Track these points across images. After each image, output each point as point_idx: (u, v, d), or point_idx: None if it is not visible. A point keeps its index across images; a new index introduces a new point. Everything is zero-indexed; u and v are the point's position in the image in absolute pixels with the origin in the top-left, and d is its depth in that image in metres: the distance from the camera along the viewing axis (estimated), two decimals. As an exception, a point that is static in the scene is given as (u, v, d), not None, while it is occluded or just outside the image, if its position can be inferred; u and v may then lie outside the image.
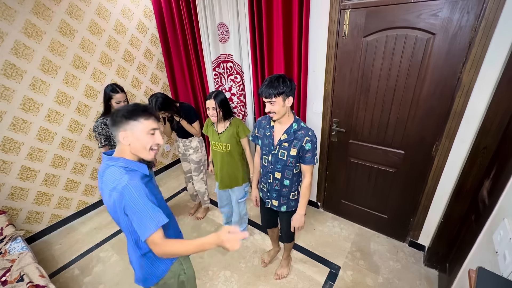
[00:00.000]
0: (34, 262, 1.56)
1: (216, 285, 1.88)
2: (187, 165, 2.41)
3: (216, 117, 1.75)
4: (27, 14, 1.99)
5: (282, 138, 1.41)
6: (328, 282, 1.84)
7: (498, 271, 0.88)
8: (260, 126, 1.55)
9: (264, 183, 1.61)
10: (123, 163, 0.95)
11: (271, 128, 1.46)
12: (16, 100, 2.07)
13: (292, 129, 1.39)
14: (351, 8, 1.66)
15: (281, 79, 1.28)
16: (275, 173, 1.50)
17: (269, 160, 1.50)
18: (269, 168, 1.52)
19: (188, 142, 2.25)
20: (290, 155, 1.41)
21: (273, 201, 1.59)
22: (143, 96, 3.03)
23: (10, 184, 2.17)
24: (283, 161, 1.44)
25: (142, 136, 0.95)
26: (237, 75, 2.50)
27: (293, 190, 1.53)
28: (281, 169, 1.47)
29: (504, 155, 1.21)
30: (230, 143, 1.81)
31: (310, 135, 1.36)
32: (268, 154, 1.49)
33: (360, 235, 2.23)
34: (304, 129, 1.39)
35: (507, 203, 1.02)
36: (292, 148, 1.39)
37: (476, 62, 1.37)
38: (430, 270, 1.87)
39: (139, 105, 0.98)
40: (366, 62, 1.73)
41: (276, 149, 1.44)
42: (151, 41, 2.96)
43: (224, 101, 1.75)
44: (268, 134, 1.46)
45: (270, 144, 1.46)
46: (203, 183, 2.39)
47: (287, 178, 1.49)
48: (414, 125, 1.71)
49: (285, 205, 1.58)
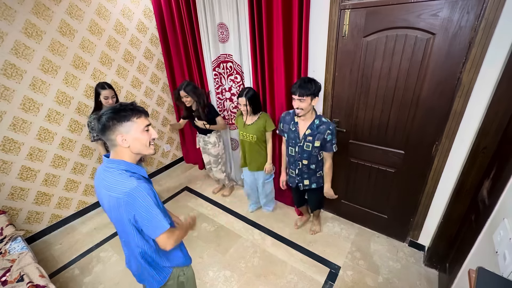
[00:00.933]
0: (34, 262, 1.56)
1: (216, 285, 1.88)
2: (207, 157, 2.70)
3: (246, 112, 2.03)
4: (27, 14, 1.99)
5: (307, 133, 1.71)
6: (328, 282, 1.84)
7: (498, 271, 0.88)
8: (284, 121, 1.84)
9: (293, 169, 1.92)
10: (124, 166, 0.94)
11: (295, 124, 1.75)
12: (16, 100, 2.07)
13: (314, 124, 1.69)
14: (351, 8, 1.66)
15: (312, 82, 1.56)
16: (303, 160, 1.82)
17: (296, 151, 1.81)
18: (296, 157, 1.83)
19: (207, 138, 2.52)
20: (314, 146, 1.72)
21: (305, 181, 1.91)
22: (143, 96, 3.03)
23: (10, 184, 2.17)
24: (308, 152, 1.76)
25: (139, 135, 0.94)
26: (237, 75, 2.50)
27: (318, 171, 1.87)
28: (307, 157, 1.79)
29: (504, 155, 1.21)
30: (257, 134, 2.09)
31: (330, 128, 1.66)
32: (295, 146, 1.80)
33: (360, 235, 2.23)
34: (325, 123, 1.68)
35: (507, 203, 1.02)
36: (316, 140, 1.70)
37: (476, 62, 1.37)
38: (430, 270, 1.87)
39: (125, 105, 0.94)
40: (366, 62, 1.73)
41: (301, 142, 1.75)
42: (151, 41, 2.96)
43: (253, 98, 1.99)
44: (294, 129, 1.76)
45: (296, 137, 1.77)
46: (221, 172, 2.71)
47: (312, 163, 1.82)
48: (414, 125, 1.71)
49: (315, 183, 1.91)
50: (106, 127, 0.90)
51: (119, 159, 0.95)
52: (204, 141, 2.55)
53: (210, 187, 3.06)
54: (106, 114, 0.91)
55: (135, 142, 0.94)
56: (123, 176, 0.91)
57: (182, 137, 3.58)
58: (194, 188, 3.10)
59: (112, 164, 0.94)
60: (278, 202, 2.70)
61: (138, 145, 0.96)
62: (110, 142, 0.94)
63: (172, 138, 3.56)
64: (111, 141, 0.93)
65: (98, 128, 0.92)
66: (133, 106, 0.95)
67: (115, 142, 0.93)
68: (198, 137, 2.61)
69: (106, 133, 0.91)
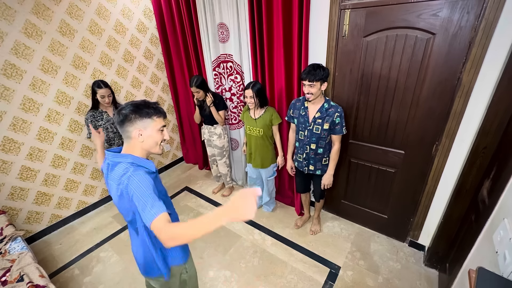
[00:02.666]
0: (34, 262, 1.56)
1: (216, 285, 1.87)
2: (211, 150, 2.67)
3: (253, 105, 2.02)
4: (27, 14, 1.99)
5: (316, 116, 1.75)
6: (328, 282, 1.84)
7: (498, 271, 0.88)
8: (294, 108, 1.88)
9: (300, 154, 1.95)
10: (131, 159, 0.97)
11: (305, 108, 1.80)
12: (16, 100, 2.06)
13: (324, 108, 1.74)
14: (351, 8, 1.66)
15: (321, 67, 1.61)
16: (311, 144, 1.84)
17: (305, 135, 1.84)
18: (305, 141, 1.86)
19: (213, 128, 2.51)
20: (323, 129, 1.76)
21: (310, 167, 1.94)
22: (143, 96, 3.03)
23: (10, 184, 2.17)
24: (317, 134, 1.79)
25: (154, 133, 1.00)
26: (237, 75, 2.50)
27: (325, 156, 1.89)
28: (315, 141, 1.82)
29: (504, 155, 1.21)
30: (264, 128, 2.10)
31: (339, 111, 1.72)
32: (304, 129, 1.83)
33: (360, 235, 2.23)
34: (333, 106, 1.73)
35: (507, 203, 1.02)
36: (325, 123, 1.74)
37: (476, 62, 1.37)
38: (430, 270, 1.87)
39: (149, 102, 1.00)
40: (366, 62, 1.73)
41: (311, 125, 1.79)
42: (151, 41, 2.96)
43: (260, 91, 2.00)
44: (303, 113, 1.81)
45: (305, 121, 1.81)
46: (225, 166, 2.68)
47: (320, 147, 1.84)
48: (414, 125, 1.71)
49: (320, 170, 1.93)
50: (127, 118, 0.95)
51: (127, 154, 0.98)
52: (210, 132, 2.54)
53: (210, 187, 3.07)
54: (129, 107, 0.96)
55: (149, 138, 0.99)
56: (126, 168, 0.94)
57: (182, 137, 3.58)
58: (194, 188, 3.10)
59: (120, 158, 0.97)
60: (278, 202, 2.70)
61: (150, 142, 1.00)
62: (126, 134, 0.98)
63: (172, 138, 3.56)
64: (127, 133, 0.97)
65: (118, 118, 0.96)
66: (156, 106, 1.01)
67: (130, 134, 0.97)
68: (204, 128, 2.60)
69: (125, 124, 0.95)
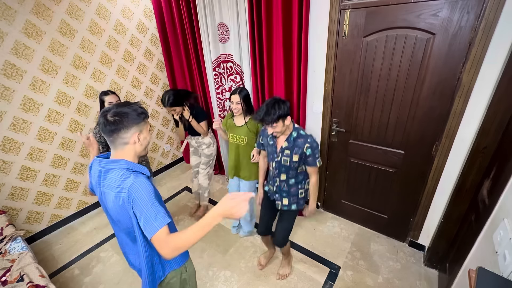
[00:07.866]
0: (34, 262, 1.56)
1: (216, 285, 1.87)
2: (196, 159, 2.50)
3: (239, 111, 1.89)
4: (27, 14, 1.99)
5: (284, 146, 1.52)
6: (328, 282, 1.84)
7: (498, 271, 0.88)
8: (263, 135, 1.67)
9: (272, 185, 1.71)
10: (126, 165, 0.94)
11: (273, 137, 1.56)
12: (16, 100, 2.06)
13: (292, 137, 1.51)
14: (351, 8, 1.66)
15: (277, 105, 1.38)
16: (281, 175, 1.60)
17: (274, 166, 1.62)
18: (275, 172, 1.63)
19: (201, 139, 2.35)
20: (292, 161, 1.52)
21: (283, 200, 1.66)
22: (143, 96, 3.03)
23: (10, 184, 2.17)
24: (286, 166, 1.56)
25: (147, 134, 1.02)
26: (237, 75, 2.50)
27: (300, 188, 1.63)
28: (285, 171, 1.58)
29: (504, 155, 1.21)
30: (248, 136, 1.92)
31: (309, 141, 1.48)
32: (272, 160, 1.62)
33: (360, 235, 2.23)
34: (303, 136, 1.50)
35: (507, 203, 1.02)
36: (294, 154, 1.51)
37: (476, 62, 1.37)
38: (430, 270, 1.87)
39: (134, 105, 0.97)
40: (366, 62, 1.73)
41: (279, 156, 1.55)
42: (151, 41, 2.96)
43: (247, 97, 1.90)
44: (271, 143, 1.59)
45: (273, 151, 1.59)
46: (207, 178, 2.48)
47: (291, 178, 1.60)
48: (414, 125, 1.71)
49: (295, 204, 1.65)
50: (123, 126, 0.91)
51: (120, 159, 0.95)
52: (198, 143, 2.37)
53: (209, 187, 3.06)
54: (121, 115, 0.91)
55: (144, 141, 1.01)
56: (124, 175, 0.92)
57: (182, 137, 3.58)
58: (194, 188, 3.10)
59: (113, 164, 0.94)
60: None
61: (145, 144, 1.02)
62: (121, 141, 0.93)
63: (172, 138, 3.56)
64: (122, 140, 0.93)
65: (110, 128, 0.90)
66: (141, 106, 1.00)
67: (128, 140, 0.94)
68: (190, 139, 2.41)
69: (120, 131, 0.91)
